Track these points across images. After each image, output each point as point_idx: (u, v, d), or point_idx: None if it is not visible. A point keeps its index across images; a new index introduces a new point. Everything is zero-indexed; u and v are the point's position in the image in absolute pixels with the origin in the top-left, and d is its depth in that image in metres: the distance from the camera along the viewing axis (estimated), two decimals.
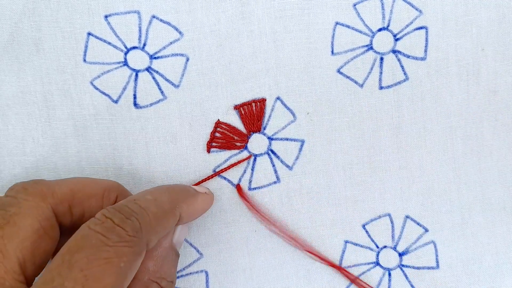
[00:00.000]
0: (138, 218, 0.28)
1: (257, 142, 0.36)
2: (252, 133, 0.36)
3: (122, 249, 0.26)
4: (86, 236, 0.26)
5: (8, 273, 0.26)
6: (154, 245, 0.30)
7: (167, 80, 0.35)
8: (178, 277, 0.37)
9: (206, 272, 0.37)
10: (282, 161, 0.36)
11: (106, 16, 0.34)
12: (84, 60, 0.35)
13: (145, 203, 0.29)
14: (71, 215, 0.30)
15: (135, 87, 0.35)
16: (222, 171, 0.36)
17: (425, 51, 0.36)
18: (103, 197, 0.31)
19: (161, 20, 0.34)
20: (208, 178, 0.36)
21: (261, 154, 0.36)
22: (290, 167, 0.37)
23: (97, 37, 0.34)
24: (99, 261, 0.25)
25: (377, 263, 0.38)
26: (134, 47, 0.35)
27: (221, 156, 0.36)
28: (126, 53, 0.35)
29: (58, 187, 0.30)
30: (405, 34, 0.36)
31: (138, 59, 0.35)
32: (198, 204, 0.33)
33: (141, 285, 0.30)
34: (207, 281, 0.37)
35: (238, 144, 0.36)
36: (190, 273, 0.37)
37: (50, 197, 0.29)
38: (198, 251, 0.37)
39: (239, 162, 0.36)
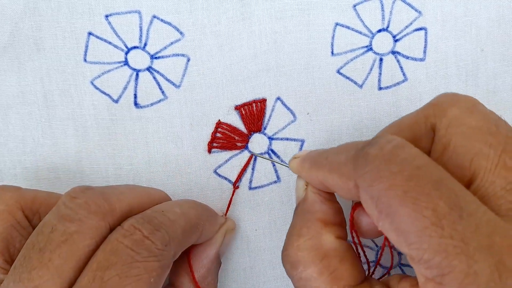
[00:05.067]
0: (167, 231, 0.27)
1: (257, 142, 0.36)
2: (252, 133, 0.36)
3: (152, 264, 0.26)
4: (116, 250, 0.26)
5: None
6: (199, 255, 0.31)
7: (168, 80, 0.35)
8: None
9: None
10: (282, 161, 0.37)
11: (106, 16, 0.34)
12: (85, 60, 0.35)
13: (174, 215, 0.29)
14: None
15: (135, 87, 0.35)
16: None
17: (424, 52, 0.36)
18: None
19: (162, 20, 0.35)
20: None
21: (261, 154, 0.36)
22: None
23: (97, 37, 0.34)
24: (130, 279, 0.25)
25: None
26: (135, 47, 0.35)
27: (222, 156, 0.36)
28: (126, 53, 0.35)
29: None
30: (405, 35, 0.36)
31: (139, 59, 0.35)
32: (216, 226, 0.33)
33: None
34: None
35: (239, 144, 0.36)
36: None
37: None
38: None
39: (243, 166, 0.36)
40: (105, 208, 0.27)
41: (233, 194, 0.36)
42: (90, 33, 0.34)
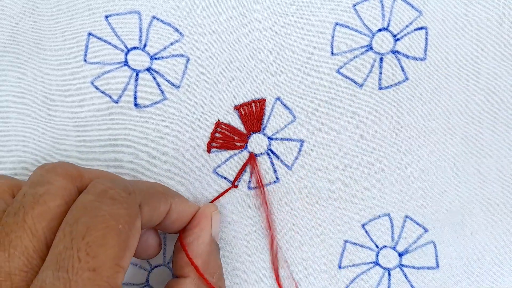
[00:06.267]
0: (130, 183, 0.28)
1: (257, 142, 0.36)
2: (252, 133, 0.36)
3: (118, 211, 0.26)
4: (82, 207, 0.26)
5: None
6: (195, 242, 0.32)
7: (167, 80, 0.35)
8: None
9: None
10: (281, 161, 0.37)
11: (106, 17, 0.34)
12: (85, 60, 0.35)
13: (137, 180, 0.31)
14: None
15: (135, 87, 0.35)
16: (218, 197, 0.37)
17: (425, 51, 0.36)
18: None
19: (161, 21, 0.35)
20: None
21: (260, 154, 0.36)
22: (289, 167, 0.37)
23: (97, 37, 0.34)
24: (97, 226, 0.25)
25: (376, 263, 0.38)
26: (135, 48, 0.35)
27: (221, 156, 0.36)
28: (126, 54, 0.35)
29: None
30: (405, 35, 0.36)
31: (138, 60, 0.35)
32: (189, 206, 0.33)
33: (194, 285, 0.31)
34: None
35: (238, 144, 0.36)
36: None
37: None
38: None
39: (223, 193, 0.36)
40: (73, 173, 0.29)
41: (226, 191, 0.36)
42: (90, 34, 0.34)
